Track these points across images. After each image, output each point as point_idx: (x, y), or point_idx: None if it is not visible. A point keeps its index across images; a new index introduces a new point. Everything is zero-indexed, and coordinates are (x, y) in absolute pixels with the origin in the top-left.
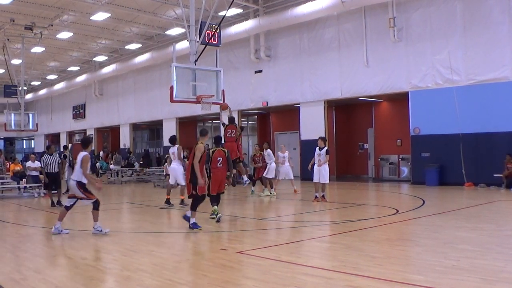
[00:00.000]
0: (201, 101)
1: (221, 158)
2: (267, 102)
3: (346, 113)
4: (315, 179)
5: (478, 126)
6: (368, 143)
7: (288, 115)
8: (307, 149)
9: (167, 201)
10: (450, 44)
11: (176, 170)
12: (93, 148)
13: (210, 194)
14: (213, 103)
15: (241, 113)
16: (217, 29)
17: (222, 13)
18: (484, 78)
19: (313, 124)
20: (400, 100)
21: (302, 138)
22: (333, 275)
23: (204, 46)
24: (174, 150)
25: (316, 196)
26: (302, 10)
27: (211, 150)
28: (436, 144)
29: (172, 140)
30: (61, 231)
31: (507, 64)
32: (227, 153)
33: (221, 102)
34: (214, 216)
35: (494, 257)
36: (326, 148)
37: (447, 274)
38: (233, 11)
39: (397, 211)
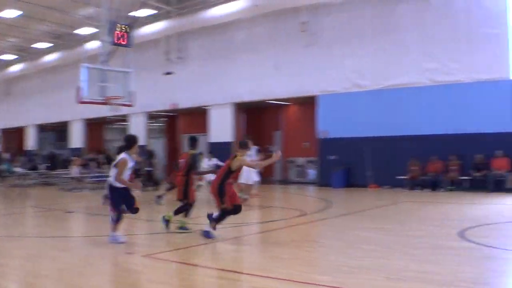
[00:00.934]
0: (110, 102)
1: None
2: (176, 104)
3: (255, 116)
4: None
5: (384, 129)
6: (276, 146)
7: (197, 118)
8: (216, 151)
9: None
10: (359, 49)
11: None
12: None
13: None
14: (122, 104)
15: (150, 115)
16: (128, 29)
17: (134, 14)
18: (391, 83)
19: (222, 126)
20: (309, 103)
21: (211, 140)
22: (240, 277)
23: (114, 46)
24: None
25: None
26: (215, 12)
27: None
28: (343, 147)
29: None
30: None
31: (414, 70)
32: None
33: (131, 104)
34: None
35: (398, 256)
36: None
37: (353, 274)
38: (146, 12)
39: (304, 212)
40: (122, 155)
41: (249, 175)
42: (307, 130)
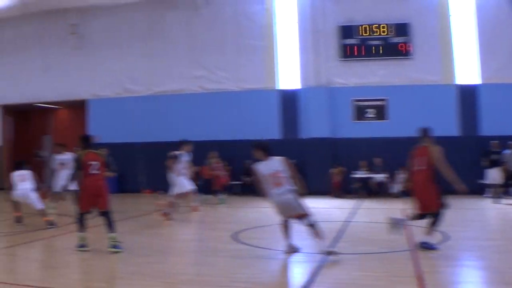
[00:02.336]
0: None
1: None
2: None
3: (23, 120)
4: None
5: (156, 135)
6: (46, 150)
7: None
8: None
9: None
10: (131, 54)
11: None
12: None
13: None
14: None
15: None
16: None
17: None
18: (163, 89)
19: None
20: (79, 107)
21: None
22: None
23: None
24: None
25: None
26: None
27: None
28: (115, 152)
29: None
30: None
31: (184, 77)
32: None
33: None
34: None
35: (174, 260)
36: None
37: (130, 280)
38: None
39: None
40: None
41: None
42: (78, 134)
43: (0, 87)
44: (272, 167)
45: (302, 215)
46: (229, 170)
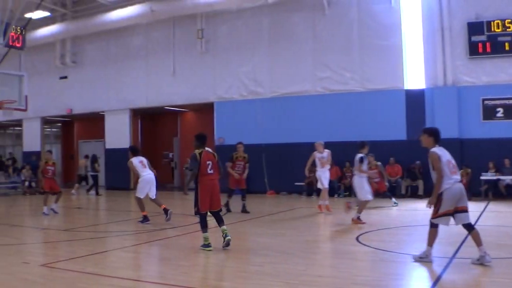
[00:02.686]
0: (2, 106)
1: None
2: (71, 110)
3: (152, 122)
4: None
5: (281, 137)
6: (174, 152)
7: (93, 123)
8: (112, 157)
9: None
10: (255, 57)
11: None
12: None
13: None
14: (15, 109)
15: (44, 120)
16: (22, 31)
17: (28, 15)
18: (287, 91)
19: (118, 132)
20: (205, 110)
21: (107, 147)
22: (139, 285)
23: (7, 49)
24: None
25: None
26: (111, 16)
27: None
28: None
29: None
30: None
31: (308, 78)
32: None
33: (24, 108)
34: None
35: (296, 261)
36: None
37: (252, 279)
38: (40, 14)
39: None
40: None
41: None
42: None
43: (130, 92)
44: (447, 154)
45: (466, 209)
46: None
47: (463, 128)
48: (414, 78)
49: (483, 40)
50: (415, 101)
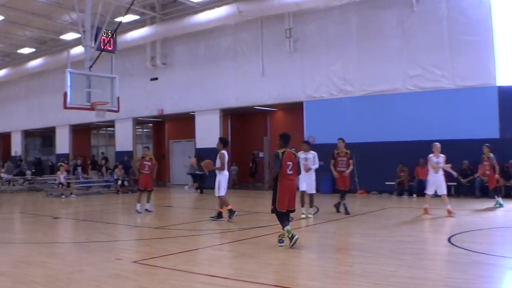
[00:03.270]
0: (96, 108)
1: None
2: (162, 110)
3: (241, 122)
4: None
5: (370, 135)
6: (264, 152)
7: (184, 123)
8: (203, 157)
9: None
10: (344, 55)
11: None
12: None
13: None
14: (108, 110)
15: (136, 121)
16: (113, 35)
17: (118, 19)
18: (377, 89)
19: (209, 132)
20: (295, 109)
21: (198, 146)
22: (229, 283)
23: (99, 52)
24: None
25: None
26: (199, 18)
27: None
28: (329, 153)
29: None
30: None
31: (398, 76)
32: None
33: (116, 109)
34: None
35: (386, 262)
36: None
37: (341, 279)
38: (130, 17)
39: (292, 218)
40: None
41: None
42: (294, 136)
43: (219, 92)
44: None
45: None
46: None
47: None
48: (506, 74)
49: None
50: (508, 97)
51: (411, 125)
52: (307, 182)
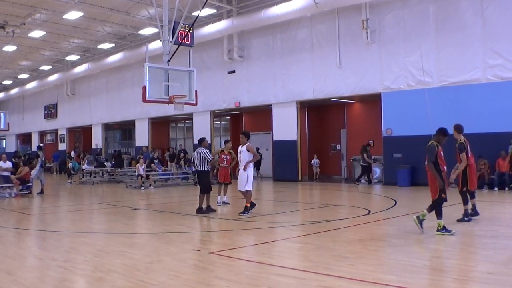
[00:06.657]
0: (174, 101)
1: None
2: (239, 103)
3: (318, 114)
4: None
5: (449, 128)
6: (341, 144)
7: (261, 116)
8: (280, 149)
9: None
10: (422, 45)
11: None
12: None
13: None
14: (186, 103)
15: (214, 114)
16: (190, 29)
17: (195, 13)
18: (456, 80)
19: (286, 124)
20: (372, 101)
21: (275, 139)
22: (305, 275)
23: (177, 46)
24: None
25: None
26: (275, 11)
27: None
28: (408, 145)
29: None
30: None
31: (478, 66)
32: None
33: (194, 102)
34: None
35: (466, 256)
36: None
37: (419, 274)
38: (206, 11)
39: (369, 211)
40: None
41: None
42: (371, 128)
43: (296, 84)
44: None
45: None
46: None
47: None
48: None
49: None
50: None
51: (491, 116)
52: None
